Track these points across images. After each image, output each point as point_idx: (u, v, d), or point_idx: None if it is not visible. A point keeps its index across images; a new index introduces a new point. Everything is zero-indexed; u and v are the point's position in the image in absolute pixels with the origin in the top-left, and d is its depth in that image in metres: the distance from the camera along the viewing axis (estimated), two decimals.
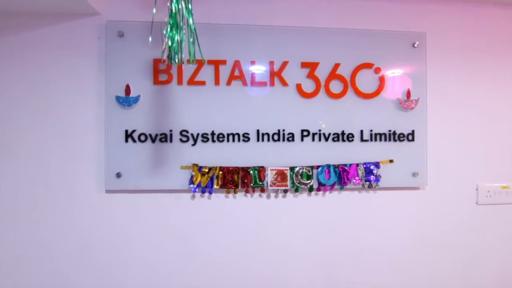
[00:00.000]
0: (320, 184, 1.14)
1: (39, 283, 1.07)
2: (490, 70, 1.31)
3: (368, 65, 1.21)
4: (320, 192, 1.17)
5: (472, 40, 1.30)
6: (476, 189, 1.28)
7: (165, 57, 0.75)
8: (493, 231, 1.29)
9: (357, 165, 1.16)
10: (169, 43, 0.69)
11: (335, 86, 1.18)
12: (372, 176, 1.16)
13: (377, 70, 1.21)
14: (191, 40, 0.75)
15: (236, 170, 1.10)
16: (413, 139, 1.22)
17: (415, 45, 1.24)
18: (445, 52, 1.28)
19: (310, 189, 1.14)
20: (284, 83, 1.16)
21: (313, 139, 1.16)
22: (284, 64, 1.16)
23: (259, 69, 1.15)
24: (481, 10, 1.29)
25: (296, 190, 1.13)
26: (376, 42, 1.22)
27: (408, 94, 1.22)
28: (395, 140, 1.21)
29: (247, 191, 1.12)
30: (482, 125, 1.29)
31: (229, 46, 1.15)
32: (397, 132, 1.21)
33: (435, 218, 1.25)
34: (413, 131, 1.22)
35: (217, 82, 1.13)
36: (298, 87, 1.16)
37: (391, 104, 1.21)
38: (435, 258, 1.24)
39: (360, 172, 1.16)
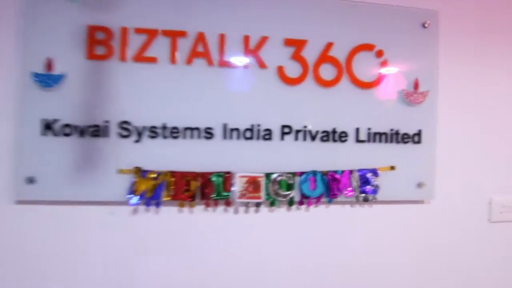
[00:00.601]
0: (303, 196, 0.89)
1: None
2: None
3: (368, 47, 0.96)
4: (303, 207, 0.92)
5: (493, 22, 1.07)
6: (489, 203, 1.06)
7: None
8: (508, 253, 1.08)
9: (351, 172, 0.92)
10: None
11: (327, 71, 0.93)
12: (368, 187, 0.93)
13: (379, 54, 0.97)
14: None
15: (194, 176, 0.83)
16: (419, 141, 0.98)
17: (426, 25, 1.00)
18: (461, 36, 1.05)
19: (291, 203, 0.89)
20: (261, 64, 0.89)
21: (297, 138, 0.91)
22: (263, 40, 0.90)
23: (230, 45, 0.88)
24: None
25: (272, 204, 0.88)
26: (378, 19, 0.97)
27: (416, 85, 0.98)
28: (398, 142, 0.97)
29: (207, 205, 0.85)
30: (500, 126, 1.07)
31: (192, 14, 0.87)
32: (401, 131, 0.97)
33: (442, 240, 1.02)
34: (419, 131, 0.98)
35: (173, 59, 0.86)
36: (280, 71, 0.90)
37: (395, 97, 0.97)
38: (441, 285, 1.03)
39: (354, 182, 0.92)
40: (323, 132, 0.92)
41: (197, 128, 0.85)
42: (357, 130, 0.94)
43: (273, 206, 0.89)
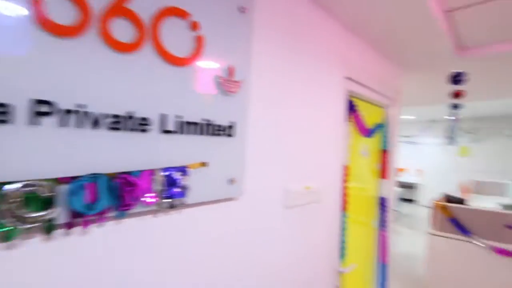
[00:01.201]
0: (74, 214, 0.57)
1: None
2: (316, 61, 1.24)
3: (180, 13, 0.76)
4: (75, 230, 0.60)
5: (303, 19, 1.16)
6: (284, 192, 1.17)
7: None
8: (300, 229, 1.24)
9: (153, 172, 0.70)
10: None
11: (122, 29, 0.65)
12: (176, 189, 0.74)
13: (194, 26, 0.79)
14: None
15: None
16: (232, 134, 0.90)
17: (243, 10, 0.92)
18: (274, 27, 1.06)
19: (49, 228, 0.54)
20: None
21: (64, 123, 0.57)
22: None
23: None
24: None
25: (9, 236, 0.50)
26: None
27: (231, 72, 0.89)
28: (210, 134, 0.84)
29: None
30: (298, 121, 1.19)
31: None
32: (214, 123, 0.85)
33: (252, 232, 1.01)
34: (233, 123, 0.90)
35: None
36: (36, 8, 0.53)
37: (209, 82, 0.84)
38: (256, 269, 1.01)
39: (157, 184, 0.70)
40: (113, 116, 0.63)
41: None
42: (164, 117, 0.73)
43: (10, 239, 0.51)
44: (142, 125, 0.68)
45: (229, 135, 0.89)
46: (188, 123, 0.78)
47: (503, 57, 2.00)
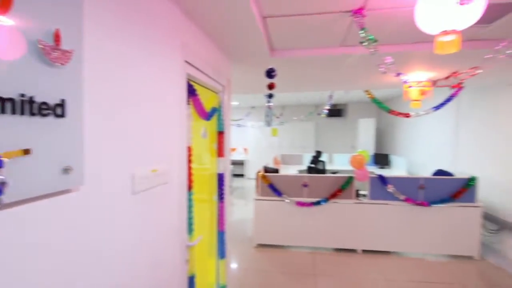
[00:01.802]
0: None
1: None
2: (155, 42, 1.19)
3: None
4: None
5: None
6: (130, 177, 1.11)
7: None
8: (152, 217, 1.21)
9: None
10: None
11: None
12: None
13: None
14: None
15: None
16: (63, 114, 0.76)
17: None
18: (105, 3, 0.94)
19: None
20: None
21: None
22: None
23: None
24: None
25: None
26: None
27: (57, 38, 0.74)
28: (32, 114, 0.68)
29: None
30: (138, 101, 1.14)
31: None
32: (37, 100, 0.69)
33: (96, 231, 0.90)
34: (63, 100, 0.76)
35: None
36: None
37: (27, 48, 0.66)
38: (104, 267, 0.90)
39: None
40: None
41: None
42: None
43: None
44: None
45: (59, 115, 0.75)
46: None
47: (300, 61, 2.68)
